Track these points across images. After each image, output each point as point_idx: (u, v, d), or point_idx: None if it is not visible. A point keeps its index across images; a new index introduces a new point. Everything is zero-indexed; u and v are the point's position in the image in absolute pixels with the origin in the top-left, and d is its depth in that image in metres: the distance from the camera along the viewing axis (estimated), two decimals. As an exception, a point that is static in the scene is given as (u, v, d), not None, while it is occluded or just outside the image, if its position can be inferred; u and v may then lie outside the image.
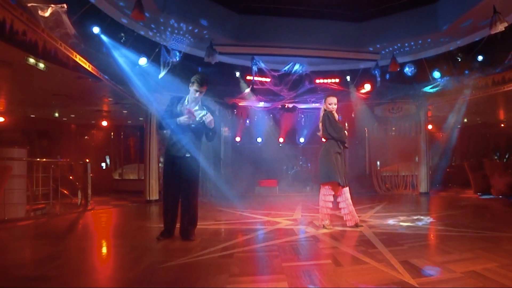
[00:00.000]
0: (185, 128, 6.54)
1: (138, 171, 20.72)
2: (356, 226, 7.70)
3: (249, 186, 17.62)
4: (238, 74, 15.29)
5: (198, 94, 6.62)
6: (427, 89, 15.39)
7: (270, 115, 18.60)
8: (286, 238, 6.80)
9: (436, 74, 14.55)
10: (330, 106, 7.98)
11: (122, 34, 11.67)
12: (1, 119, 17.12)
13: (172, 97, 7.00)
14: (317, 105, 16.37)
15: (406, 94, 16.10)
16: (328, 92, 13.26)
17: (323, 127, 7.90)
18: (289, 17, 14.04)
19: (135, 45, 12.07)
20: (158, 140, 14.23)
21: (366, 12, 14.09)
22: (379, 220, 8.84)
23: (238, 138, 19.97)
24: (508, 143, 22.48)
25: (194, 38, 12.98)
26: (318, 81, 15.76)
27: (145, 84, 12.69)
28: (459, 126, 19.69)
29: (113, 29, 11.33)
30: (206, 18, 12.71)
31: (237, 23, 13.87)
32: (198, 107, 6.71)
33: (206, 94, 13.89)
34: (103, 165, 22.84)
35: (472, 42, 13.19)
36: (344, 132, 7.83)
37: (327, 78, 15.88)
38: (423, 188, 16.50)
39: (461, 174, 18.35)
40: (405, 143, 17.21)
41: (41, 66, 10.05)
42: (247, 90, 15.72)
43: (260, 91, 16.11)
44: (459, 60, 13.78)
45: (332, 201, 7.82)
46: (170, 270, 4.74)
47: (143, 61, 12.33)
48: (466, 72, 13.84)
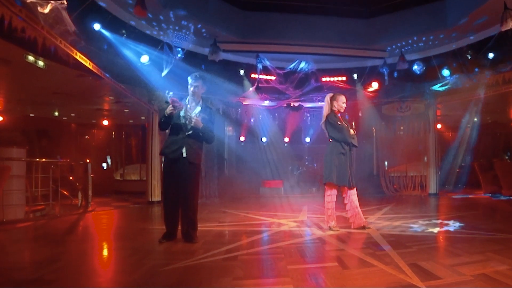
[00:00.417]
0: (181, 127, 6.52)
1: (140, 172, 20.76)
2: (363, 228, 7.67)
3: (253, 187, 17.61)
4: (242, 72, 15.25)
5: (192, 88, 6.60)
6: (436, 87, 15.36)
7: (275, 114, 18.58)
8: (292, 240, 6.77)
9: (445, 72, 14.52)
10: (344, 105, 7.99)
11: (124, 31, 11.68)
12: None
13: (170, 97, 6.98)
14: (323, 103, 16.30)
15: (414, 92, 16.05)
16: (334, 90, 13.22)
17: (326, 130, 7.90)
18: (294, 13, 14.04)
19: (137, 42, 12.10)
20: (161, 139, 14.21)
21: (373, 8, 14.11)
22: (387, 221, 8.83)
23: (242, 138, 19.95)
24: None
25: (197, 35, 12.98)
26: (324, 79, 15.72)
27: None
28: (469, 125, 19.61)
29: (114, 26, 11.35)
30: (210, 15, 12.71)
31: (241, 20, 13.88)
32: (197, 106, 6.69)
33: (210, 93, 14.12)
34: (104, 165, 22.87)
35: (482, 39, 13.17)
36: (346, 132, 7.76)
37: (334, 76, 15.84)
38: (432, 189, 16.45)
39: (471, 174, 18.32)
40: (413, 143, 17.21)
41: (40, 64, 10.08)
42: (252, 88, 15.69)
43: (265, 90, 16.05)
44: (469, 57, 13.77)
45: (334, 201, 7.79)
46: (172, 273, 4.72)
47: (145, 58, 12.33)
48: (476, 70, 13.82)
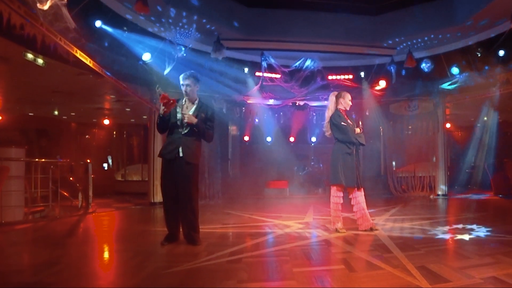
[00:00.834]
0: (177, 127, 6.54)
1: (141, 172, 20.75)
2: (370, 230, 7.65)
3: (258, 188, 17.57)
4: (246, 70, 15.21)
5: (184, 88, 6.60)
6: (445, 85, 15.31)
7: (280, 113, 18.52)
8: (297, 242, 6.77)
9: (454, 70, 14.47)
10: (350, 102, 8.00)
11: (125, 28, 11.67)
12: (-2, 118, 17.22)
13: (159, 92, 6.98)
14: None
15: (423, 91, 16.00)
16: (341, 89, 13.19)
17: (331, 130, 7.89)
18: (300, 10, 14.01)
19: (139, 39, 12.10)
20: (163, 139, 14.20)
21: (381, 5, 14.06)
22: (395, 223, 8.82)
23: (246, 137, 19.98)
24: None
25: (200, 32, 12.98)
26: (330, 77, 15.64)
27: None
28: (479, 124, 19.57)
29: (115, 23, 11.34)
30: (213, 11, 12.70)
31: (245, 17, 13.85)
32: (194, 105, 6.71)
33: (214, 91, 14.13)
34: (105, 165, 22.86)
35: (492, 36, 13.11)
36: (350, 132, 7.73)
37: (340, 74, 15.79)
38: (441, 189, 16.37)
39: (481, 175, 18.27)
40: (422, 143, 17.14)
41: (39, 61, 10.09)
42: (256, 87, 15.66)
43: (269, 88, 16.03)
44: (479, 55, 13.71)
45: (340, 203, 7.78)
46: (175, 276, 4.72)
47: (147, 56, 12.34)
48: (486, 67, 13.76)
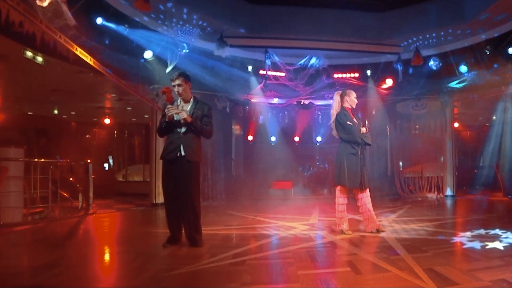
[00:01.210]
0: (176, 127, 6.62)
1: (143, 172, 20.79)
2: (377, 231, 7.64)
3: (262, 188, 17.56)
4: (250, 68, 15.21)
5: (176, 88, 6.65)
6: (453, 84, 15.28)
7: (285, 112, 18.48)
8: (302, 244, 6.77)
9: (462, 68, 14.42)
10: (355, 100, 8.00)
11: (126, 25, 11.67)
12: (-4, 117, 17.25)
13: (164, 102, 7.01)
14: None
15: (430, 89, 15.97)
16: (346, 87, 13.16)
17: (336, 130, 7.88)
18: (305, 6, 13.98)
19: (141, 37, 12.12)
20: (165, 139, 14.20)
21: (388, 1, 14.02)
22: (402, 224, 8.80)
23: (250, 137, 19.97)
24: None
25: (203, 29, 12.96)
26: (336, 75, 15.62)
27: None
28: (487, 124, 19.54)
29: (116, 20, 11.35)
30: (216, 8, 12.68)
31: (249, 14, 13.82)
32: (189, 104, 6.76)
33: (217, 90, 14.16)
34: (106, 165, 22.89)
35: (502, 33, 13.08)
36: (356, 131, 7.71)
37: (346, 73, 15.78)
38: (449, 190, 16.40)
39: (490, 175, 18.23)
40: (429, 143, 17.13)
41: (39, 59, 10.12)
42: (260, 85, 15.64)
43: (274, 87, 16.01)
44: (488, 53, 13.67)
45: (345, 204, 7.78)
46: (177, 278, 4.72)
47: (149, 54, 12.35)
48: (495, 66, 13.72)
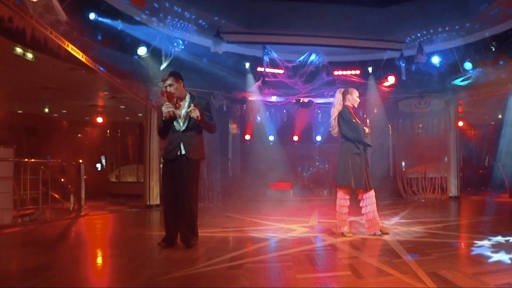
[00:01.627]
0: (175, 125, 6.68)
1: (137, 173, 20.71)
2: (381, 233, 7.63)
3: (260, 189, 17.52)
4: (248, 65, 15.21)
5: (168, 88, 6.68)
6: (458, 81, 15.25)
7: (283, 111, 18.47)
8: (301, 247, 6.76)
9: (467, 65, 14.39)
10: (358, 99, 8.00)
11: (120, 21, 11.65)
12: (-15, 116, 17.22)
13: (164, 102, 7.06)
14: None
15: (434, 87, 15.90)
16: (347, 85, 13.16)
17: (339, 128, 7.87)
18: (304, 1, 13.99)
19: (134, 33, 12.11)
20: (159, 138, 14.23)
21: (390, -4, 14.04)
22: (405, 227, 8.79)
23: (248, 136, 19.96)
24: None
25: (199, 25, 12.94)
26: (336, 72, 15.61)
27: None
28: (493, 122, 19.55)
29: (109, 16, 11.31)
30: (212, 3, 12.67)
31: (246, 9, 13.79)
32: (185, 101, 6.80)
33: (213, 87, 14.13)
34: (98, 166, 22.87)
35: (507, 29, 13.06)
36: (360, 130, 7.73)
37: (347, 70, 15.75)
38: (453, 191, 16.33)
39: (495, 176, 18.25)
40: (433, 142, 17.09)
41: (29, 56, 10.10)
42: (258, 83, 15.62)
43: (272, 84, 15.96)
44: (493, 49, 13.66)
45: (347, 205, 7.75)
46: (172, 282, 4.71)
47: (143, 50, 12.34)
48: (501, 62, 13.72)
